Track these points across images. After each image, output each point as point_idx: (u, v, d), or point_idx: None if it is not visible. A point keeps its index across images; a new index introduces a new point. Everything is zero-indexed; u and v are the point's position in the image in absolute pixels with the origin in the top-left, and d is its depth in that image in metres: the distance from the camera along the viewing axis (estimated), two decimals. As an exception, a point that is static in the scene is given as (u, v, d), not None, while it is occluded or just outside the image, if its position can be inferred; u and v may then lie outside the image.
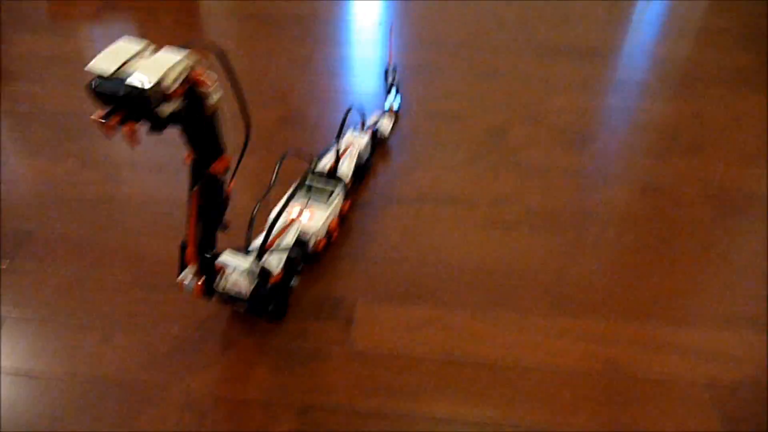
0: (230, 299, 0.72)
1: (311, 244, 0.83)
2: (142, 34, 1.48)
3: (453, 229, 0.94)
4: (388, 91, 1.20)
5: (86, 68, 0.49)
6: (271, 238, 0.78)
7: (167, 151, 1.07)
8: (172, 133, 0.56)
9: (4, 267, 0.85)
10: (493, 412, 0.69)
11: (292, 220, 0.82)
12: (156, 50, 0.51)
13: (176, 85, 0.49)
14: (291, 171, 1.00)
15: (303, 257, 0.82)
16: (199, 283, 0.68)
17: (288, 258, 0.77)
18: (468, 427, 0.68)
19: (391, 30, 1.47)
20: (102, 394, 0.70)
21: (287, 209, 0.84)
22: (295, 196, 0.86)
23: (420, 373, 0.73)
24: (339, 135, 0.99)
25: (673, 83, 1.36)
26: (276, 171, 0.82)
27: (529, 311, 0.81)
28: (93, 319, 0.78)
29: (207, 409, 0.68)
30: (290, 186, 0.87)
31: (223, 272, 0.70)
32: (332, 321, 0.79)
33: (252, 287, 0.71)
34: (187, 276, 0.68)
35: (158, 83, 0.47)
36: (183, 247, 0.66)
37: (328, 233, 0.87)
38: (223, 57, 0.55)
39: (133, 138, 0.49)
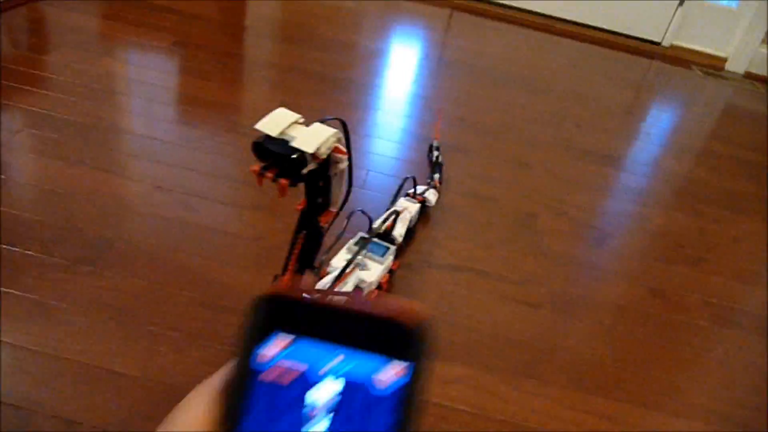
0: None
1: (365, 293, 0.94)
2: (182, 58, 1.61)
3: (485, 299, 1.05)
4: (433, 166, 1.33)
5: (256, 126, 0.60)
6: (334, 283, 0.88)
7: (233, 187, 1.17)
8: (241, 172, 0.64)
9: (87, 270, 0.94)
10: (514, 467, 0.79)
11: (352, 270, 0.93)
12: (306, 123, 0.63)
13: (326, 152, 0.61)
14: (339, 226, 1.11)
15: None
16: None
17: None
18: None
19: (439, 112, 1.61)
20: (173, 400, 0.78)
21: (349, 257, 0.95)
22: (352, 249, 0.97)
23: (452, 422, 0.82)
24: (394, 200, 1.11)
25: (678, 197, 1.51)
26: (344, 228, 0.93)
27: (548, 383, 0.92)
28: (165, 330, 0.87)
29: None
30: (349, 239, 0.98)
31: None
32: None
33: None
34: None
35: (316, 150, 0.59)
36: (275, 280, 0.77)
37: (379, 286, 0.97)
38: (345, 128, 0.67)
39: (284, 191, 0.60)
